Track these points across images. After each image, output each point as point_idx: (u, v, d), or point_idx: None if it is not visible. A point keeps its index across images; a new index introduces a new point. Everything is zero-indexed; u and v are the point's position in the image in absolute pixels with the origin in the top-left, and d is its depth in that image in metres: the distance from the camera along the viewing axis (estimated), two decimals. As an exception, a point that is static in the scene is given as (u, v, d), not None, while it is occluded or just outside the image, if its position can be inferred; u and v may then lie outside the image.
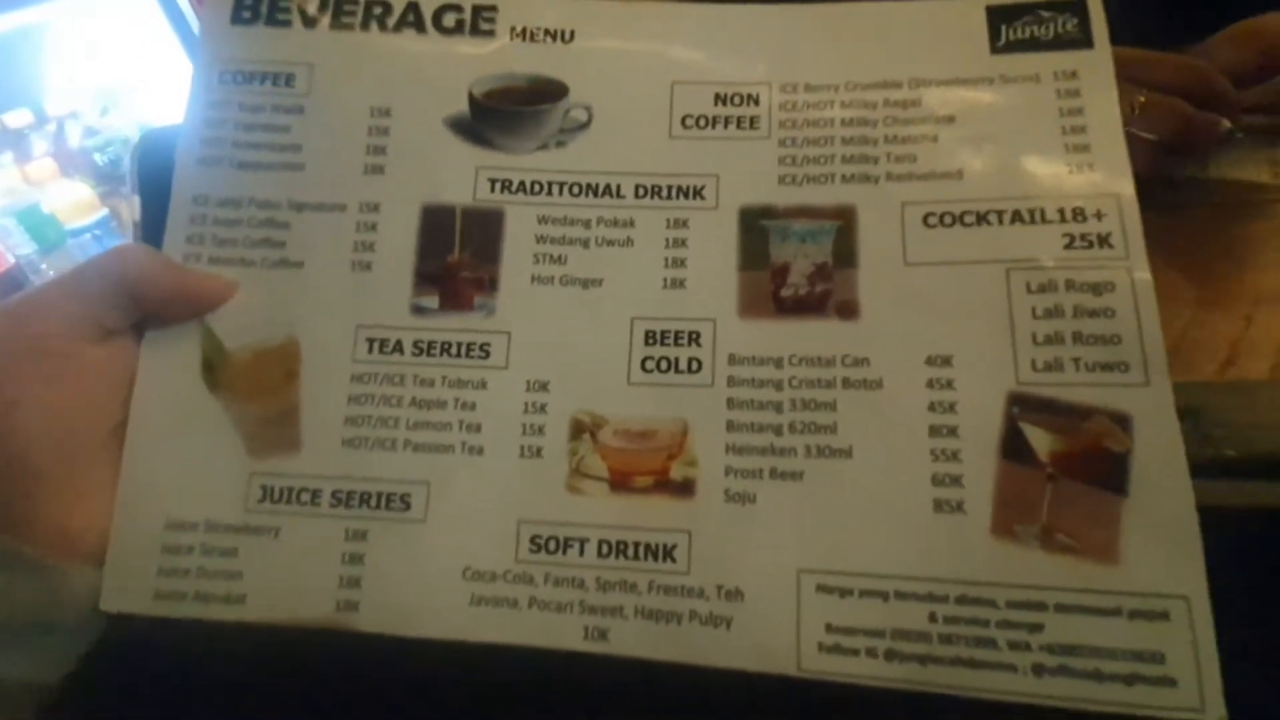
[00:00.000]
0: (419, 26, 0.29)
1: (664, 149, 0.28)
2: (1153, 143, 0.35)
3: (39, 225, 0.97)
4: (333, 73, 0.29)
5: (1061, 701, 0.22)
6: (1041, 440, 0.23)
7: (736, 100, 0.28)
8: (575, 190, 0.28)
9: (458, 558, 0.25)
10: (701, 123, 0.28)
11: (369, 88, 0.29)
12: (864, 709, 0.23)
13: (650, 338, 0.26)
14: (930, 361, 0.25)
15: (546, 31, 0.29)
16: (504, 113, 0.29)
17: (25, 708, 0.23)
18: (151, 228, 0.29)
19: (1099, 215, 0.25)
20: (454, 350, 0.26)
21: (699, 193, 0.28)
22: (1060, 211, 0.25)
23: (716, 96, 0.28)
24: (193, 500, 0.25)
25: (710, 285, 0.27)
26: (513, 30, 0.29)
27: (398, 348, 0.27)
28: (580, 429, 0.26)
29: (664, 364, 0.26)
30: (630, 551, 0.24)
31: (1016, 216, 0.26)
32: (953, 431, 0.24)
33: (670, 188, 0.28)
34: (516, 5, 0.29)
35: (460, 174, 0.28)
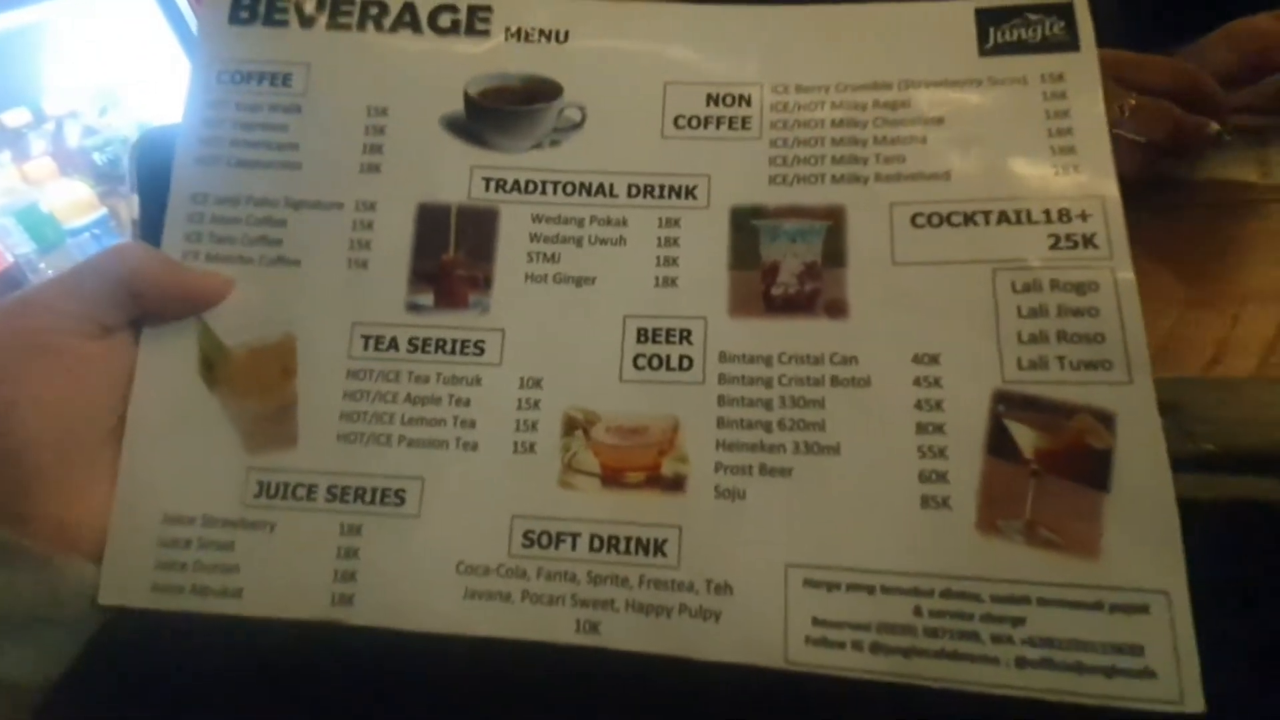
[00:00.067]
0: (415, 26, 0.30)
1: (656, 149, 0.28)
2: (1142, 145, 0.35)
3: (38, 224, 0.97)
4: (329, 72, 0.29)
5: (1043, 693, 0.22)
6: (1026, 437, 0.24)
7: (728, 100, 0.29)
8: (569, 189, 0.28)
9: (451, 552, 0.25)
10: (694, 123, 0.28)
11: (365, 87, 0.29)
12: (851, 701, 0.23)
13: (642, 335, 0.26)
14: (917, 360, 0.25)
15: (541, 32, 0.29)
16: (499, 112, 0.29)
17: (24, 707, 0.23)
18: (150, 226, 0.29)
19: (1084, 216, 0.25)
20: (448, 347, 0.27)
21: (691, 192, 0.28)
22: (1046, 212, 0.26)
23: (709, 97, 0.29)
24: (190, 495, 0.26)
25: (701, 284, 0.27)
26: (507, 30, 0.30)
27: (393, 345, 0.27)
28: (573, 425, 0.26)
29: (655, 361, 0.26)
30: (621, 546, 0.25)
31: (1003, 217, 0.26)
32: (939, 429, 0.24)
33: (662, 187, 0.28)
34: (511, 5, 0.30)
35: (455, 173, 0.28)
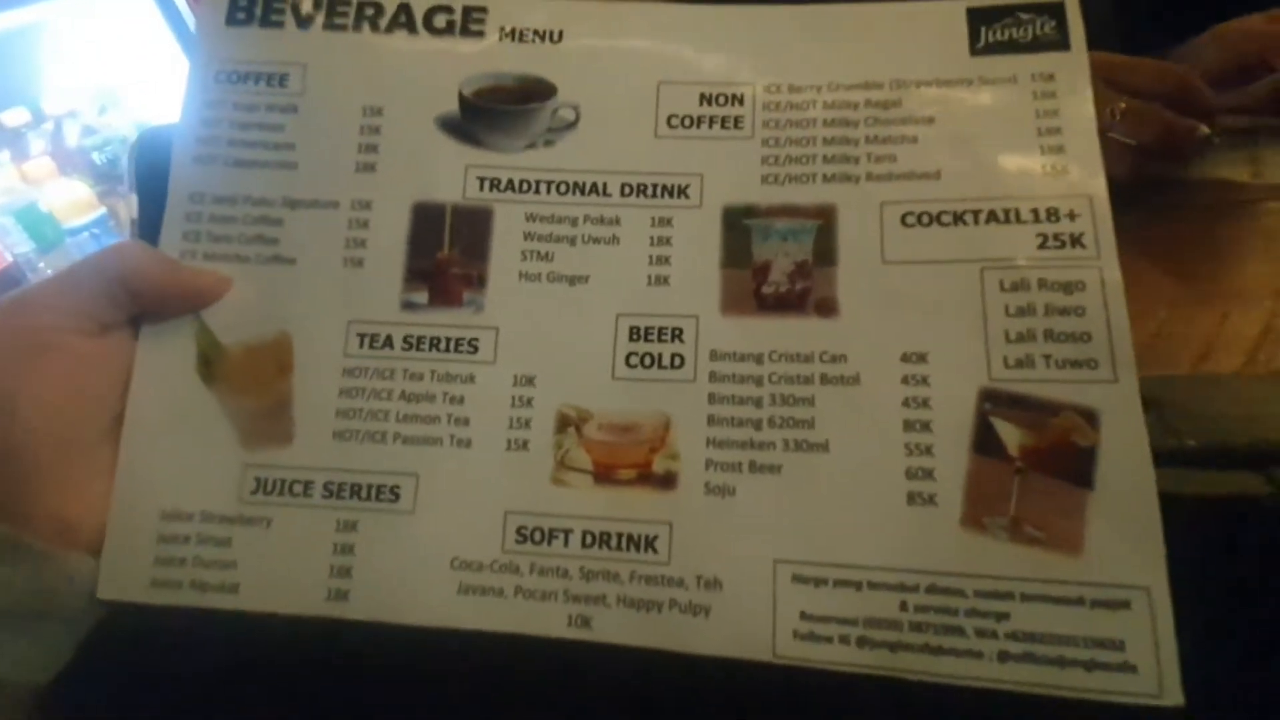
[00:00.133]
0: (410, 27, 0.30)
1: (650, 148, 0.29)
2: (1133, 148, 0.35)
3: (37, 224, 0.98)
4: (326, 73, 0.29)
5: (1025, 687, 0.22)
6: (1011, 435, 0.24)
7: (721, 100, 0.29)
8: (562, 189, 0.28)
9: (446, 548, 0.25)
10: (687, 122, 0.29)
11: (361, 87, 0.29)
12: (838, 694, 0.24)
13: (634, 333, 0.27)
14: (906, 358, 0.25)
15: (535, 32, 0.30)
16: (493, 112, 0.29)
17: (22, 704, 0.24)
18: (148, 225, 0.29)
19: (1072, 215, 0.26)
20: (443, 345, 0.27)
21: (683, 191, 0.28)
22: (1035, 212, 0.26)
23: (702, 96, 0.29)
24: (188, 491, 0.26)
25: (693, 282, 0.27)
26: (502, 30, 0.30)
27: (388, 342, 0.27)
28: (565, 422, 0.26)
29: (647, 359, 0.26)
30: (613, 542, 0.25)
31: (992, 216, 0.26)
32: (926, 426, 0.25)
33: (655, 186, 0.28)
34: (506, 6, 0.30)
35: (450, 172, 0.29)
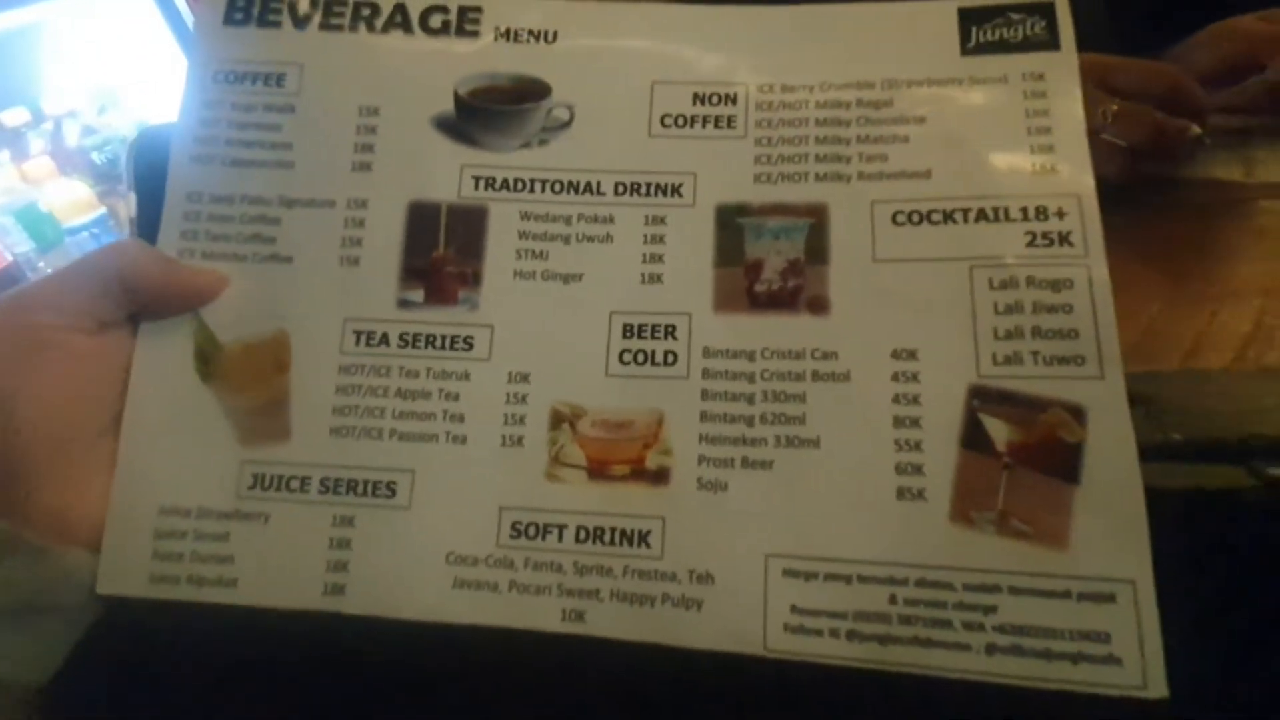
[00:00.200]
0: (406, 27, 0.30)
1: (643, 147, 0.29)
2: (1125, 149, 0.36)
3: (36, 223, 0.98)
4: (322, 73, 0.30)
5: (1012, 679, 0.23)
6: (1000, 431, 0.24)
7: (714, 100, 0.29)
8: (557, 188, 0.29)
9: (441, 543, 0.26)
10: (680, 122, 0.29)
11: (357, 87, 0.29)
12: (828, 687, 0.24)
13: (628, 331, 0.27)
14: (896, 355, 0.26)
15: (530, 32, 0.30)
16: (488, 112, 0.29)
17: (22, 702, 0.24)
18: (147, 224, 0.29)
19: (1060, 214, 0.26)
20: (438, 343, 0.27)
21: (677, 190, 0.28)
22: (1024, 210, 0.26)
23: (695, 96, 0.29)
24: (186, 487, 0.26)
25: (686, 280, 0.27)
26: (497, 31, 0.30)
27: (384, 340, 0.27)
28: (560, 419, 0.26)
29: (641, 357, 0.27)
30: (607, 537, 0.25)
31: (981, 215, 0.26)
32: (916, 422, 0.25)
33: (649, 185, 0.28)
34: (501, 6, 0.30)
35: (446, 171, 0.29)
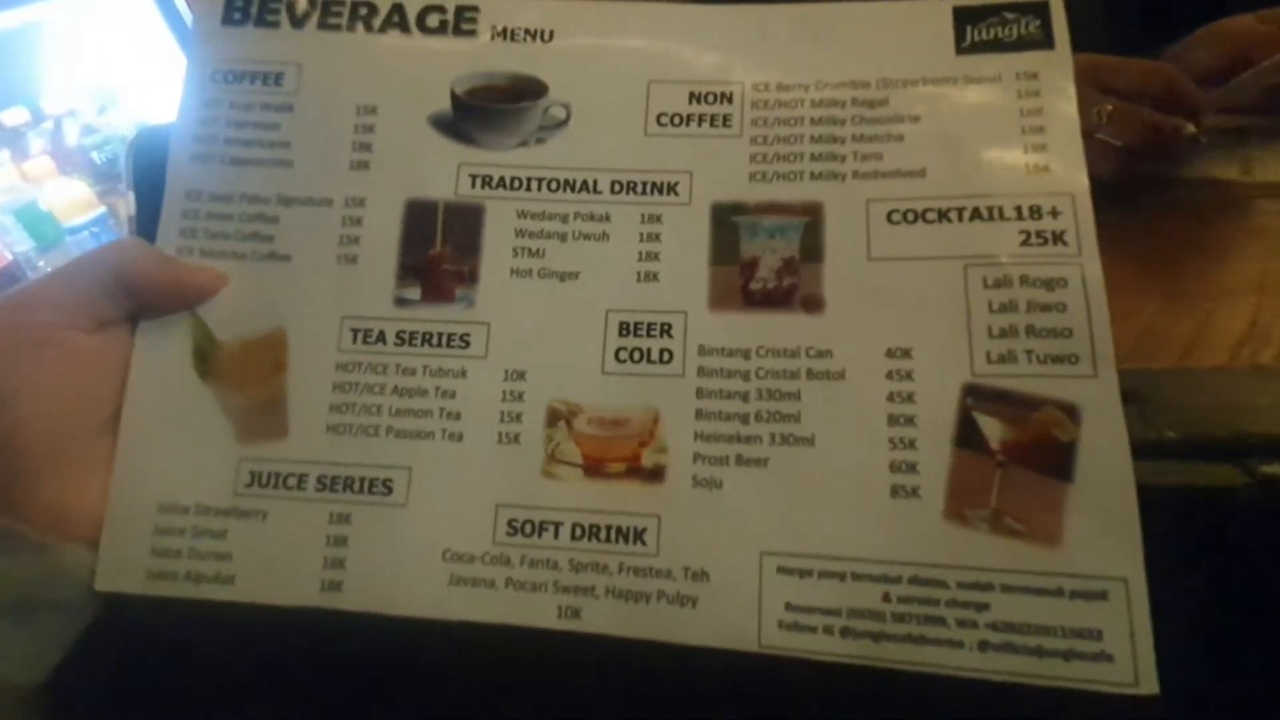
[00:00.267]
0: (403, 27, 0.30)
1: (639, 146, 0.29)
2: (1120, 148, 0.36)
3: (36, 222, 0.98)
4: (320, 72, 0.30)
5: (1004, 676, 0.23)
6: (993, 429, 0.24)
7: (710, 99, 0.29)
8: (553, 186, 0.29)
9: (438, 540, 0.26)
10: (676, 120, 0.29)
11: (355, 86, 0.30)
12: (822, 683, 0.24)
13: (624, 329, 0.27)
14: (890, 354, 0.26)
15: (527, 31, 0.30)
16: (485, 110, 0.30)
17: (21, 701, 0.24)
18: (146, 223, 0.29)
19: (1054, 213, 0.26)
20: (435, 340, 0.27)
21: (673, 189, 0.28)
22: (1018, 209, 0.26)
23: (691, 95, 0.29)
24: (184, 484, 0.26)
25: (682, 279, 0.27)
26: (494, 30, 0.30)
27: (381, 338, 0.28)
28: (556, 417, 0.26)
29: (636, 354, 0.27)
30: (602, 534, 0.25)
31: (976, 214, 0.26)
32: (910, 421, 0.25)
33: (645, 184, 0.29)
34: (498, 5, 0.30)
35: (442, 170, 0.29)
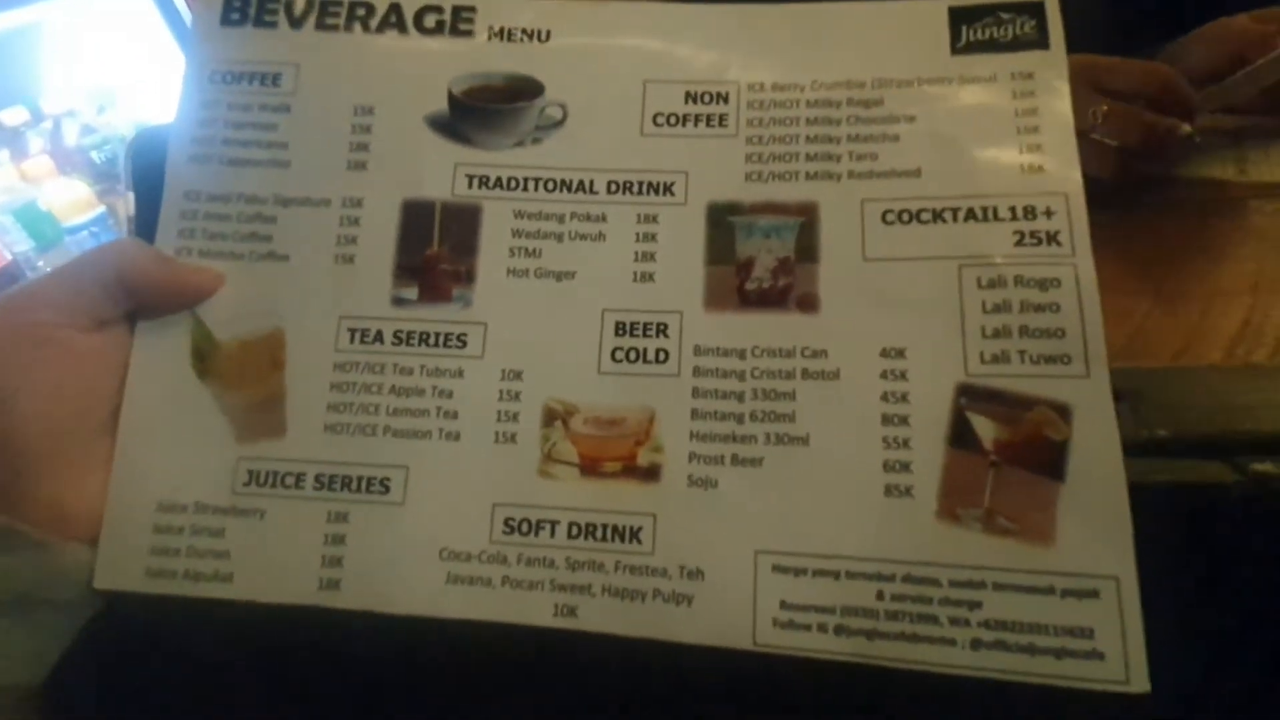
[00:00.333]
0: (401, 27, 0.30)
1: (636, 146, 0.29)
2: (1116, 149, 0.36)
3: (36, 222, 0.98)
4: (318, 72, 0.30)
5: (996, 674, 0.23)
6: (986, 429, 0.24)
7: (706, 98, 0.29)
8: (550, 186, 0.29)
9: (435, 538, 0.26)
10: (672, 120, 0.29)
11: (352, 87, 0.30)
12: (815, 681, 0.24)
13: (620, 329, 0.27)
14: (885, 354, 0.26)
15: (523, 31, 0.30)
16: (482, 110, 0.30)
17: (25, 705, 0.24)
18: (145, 223, 0.30)
19: (1048, 213, 0.26)
20: (432, 340, 0.28)
21: (669, 189, 0.28)
22: (1012, 209, 0.26)
23: (687, 94, 0.29)
24: (183, 483, 0.26)
25: (678, 279, 0.28)
26: (491, 30, 0.30)
27: (378, 338, 0.28)
28: (552, 416, 0.27)
29: (633, 354, 0.27)
30: (598, 533, 0.26)
31: (970, 214, 0.27)
32: (904, 420, 0.25)
33: (641, 184, 0.29)
34: (495, 6, 0.30)
35: (440, 170, 0.29)
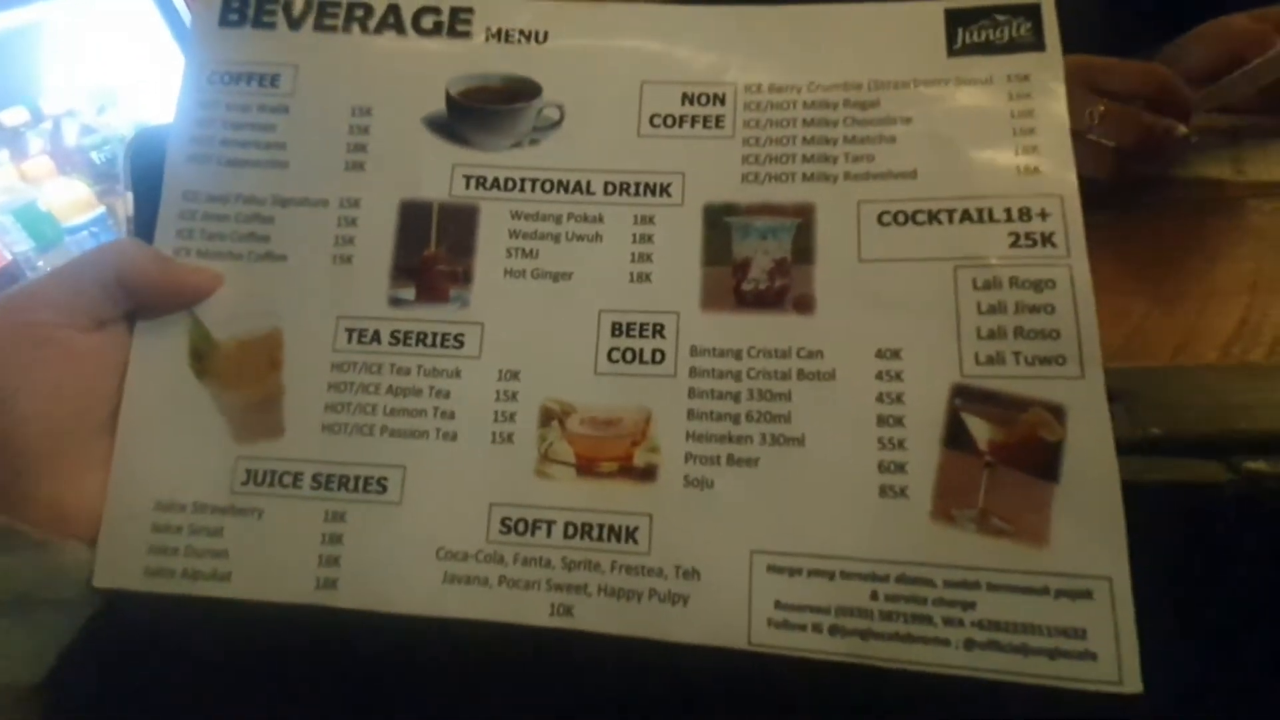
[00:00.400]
0: (399, 28, 0.30)
1: (633, 147, 0.29)
2: (1113, 149, 0.36)
3: (36, 222, 0.97)
4: (316, 73, 0.30)
5: (990, 674, 0.23)
6: (981, 430, 0.25)
7: (703, 100, 0.29)
8: (547, 187, 0.29)
9: (432, 538, 0.26)
10: (669, 121, 0.29)
11: (350, 88, 0.30)
12: (810, 680, 0.24)
13: (617, 329, 0.27)
14: (880, 355, 0.26)
15: (521, 32, 0.30)
16: (479, 111, 0.30)
17: (24, 705, 0.24)
18: (144, 223, 0.30)
19: (1043, 214, 0.26)
20: (429, 340, 0.28)
21: (665, 190, 0.29)
22: (1007, 211, 0.26)
23: (684, 96, 0.29)
24: (181, 482, 0.27)
25: (675, 279, 0.28)
26: (488, 31, 0.30)
27: (376, 338, 0.28)
28: (549, 416, 0.27)
29: (629, 355, 0.27)
30: (595, 533, 0.26)
31: (966, 215, 0.27)
32: (899, 421, 0.25)
33: (638, 185, 0.29)
34: (492, 7, 0.30)
35: (437, 171, 0.29)
